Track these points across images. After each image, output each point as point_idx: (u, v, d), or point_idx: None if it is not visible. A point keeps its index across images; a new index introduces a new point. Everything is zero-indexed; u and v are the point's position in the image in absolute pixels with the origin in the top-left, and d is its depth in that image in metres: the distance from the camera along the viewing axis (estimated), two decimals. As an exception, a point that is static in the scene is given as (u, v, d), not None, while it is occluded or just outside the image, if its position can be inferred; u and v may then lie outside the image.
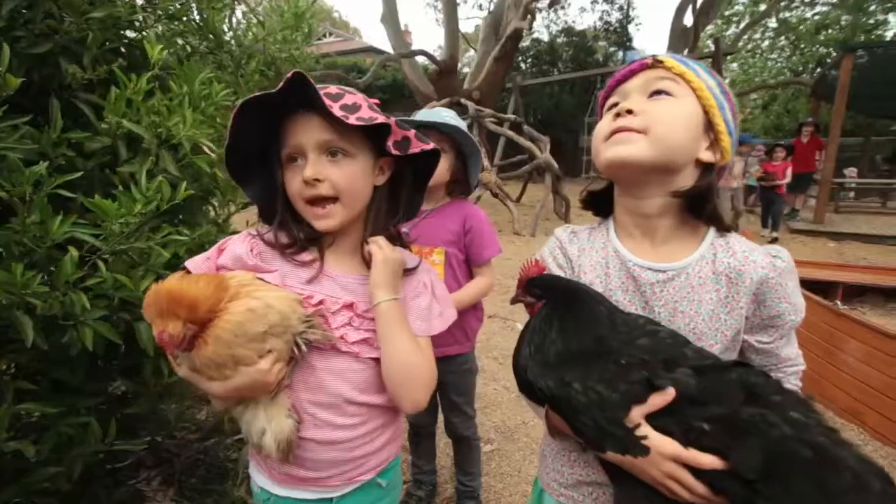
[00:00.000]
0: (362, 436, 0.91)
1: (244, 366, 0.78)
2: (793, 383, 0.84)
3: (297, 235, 0.91)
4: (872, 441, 2.39)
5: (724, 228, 0.83)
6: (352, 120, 0.82)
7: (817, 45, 20.51)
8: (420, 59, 12.57)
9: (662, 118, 0.77)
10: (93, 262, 0.95)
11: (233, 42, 1.88)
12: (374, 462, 0.94)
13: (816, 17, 20.23)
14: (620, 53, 18.79)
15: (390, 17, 11.98)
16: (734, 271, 0.78)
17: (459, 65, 14.30)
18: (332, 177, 0.85)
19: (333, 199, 0.87)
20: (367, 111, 0.86)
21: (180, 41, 1.64)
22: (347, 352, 0.87)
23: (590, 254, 0.89)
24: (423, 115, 1.59)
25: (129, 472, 1.86)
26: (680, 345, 0.73)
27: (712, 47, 10.63)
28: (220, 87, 1.23)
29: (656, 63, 0.81)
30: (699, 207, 0.81)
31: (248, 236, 0.91)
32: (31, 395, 1.03)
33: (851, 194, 11.52)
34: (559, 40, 19.04)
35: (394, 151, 0.89)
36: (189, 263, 0.88)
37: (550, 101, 17.15)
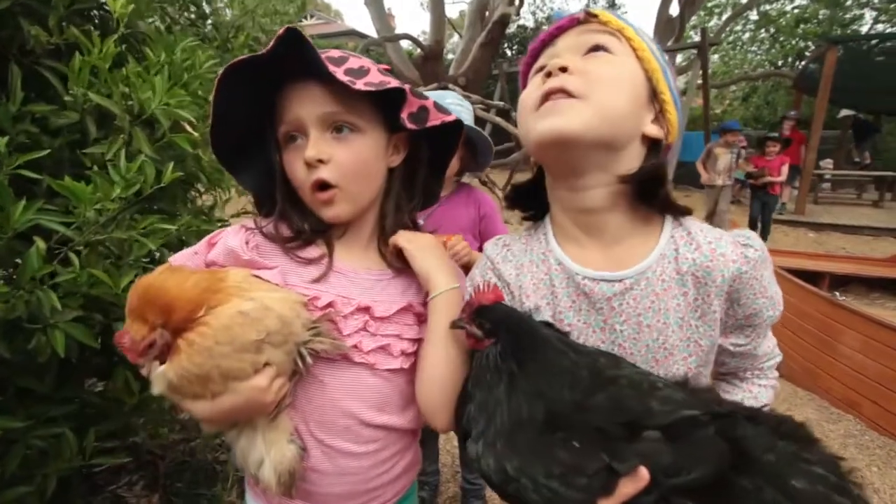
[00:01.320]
0: (378, 464, 0.79)
1: (236, 381, 0.66)
2: (770, 378, 0.76)
3: (300, 226, 0.79)
4: (869, 431, 2.40)
5: (679, 213, 0.69)
6: (359, 85, 0.69)
7: (796, 39, 20.84)
8: (404, 43, 12.29)
9: (604, 78, 0.63)
10: (63, 256, 0.82)
11: (218, 13, 1.73)
12: (390, 493, 0.82)
13: (796, 11, 20.50)
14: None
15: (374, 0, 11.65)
16: (701, 269, 0.65)
17: (444, 50, 14.05)
18: (338, 157, 0.73)
19: (335, 186, 0.74)
20: (376, 75, 0.73)
21: (158, 10, 1.48)
22: (362, 363, 0.75)
23: (529, 270, 0.73)
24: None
25: (108, 477, 1.73)
26: (644, 393, 0.58)
27: (696, 38, 10.66)
28: (204, 56, 1.09)
29: (589, 17, 0.67)
30: (651, 193, 0.66)
31: (243, 229, 0.79)
32: (-8, 405, 0.90)
33: (828, 185, 11.77)
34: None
35: (409, 125, 0.77)
36: (174, 260, 0.76)
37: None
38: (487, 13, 12.22)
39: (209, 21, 1.79)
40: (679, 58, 12.99)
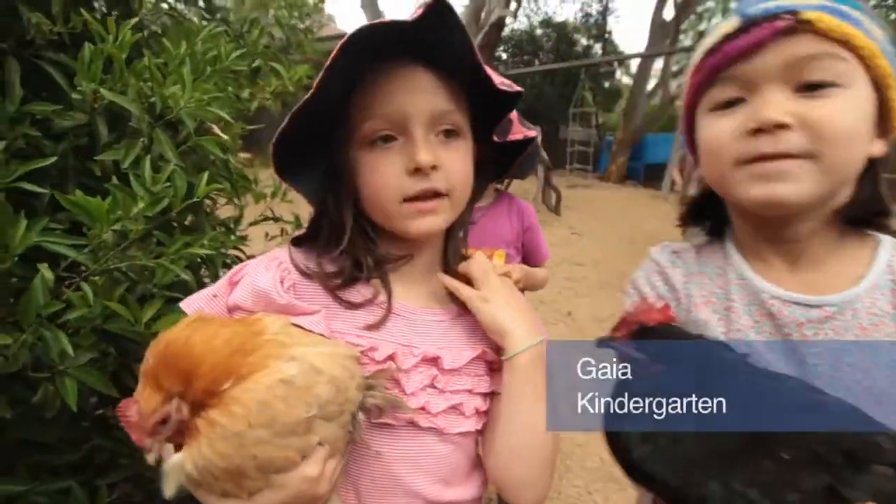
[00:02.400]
0: None
1: (279, 473, 0.50)
2: None
3: (361, 259, 0.63)
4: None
5: None
6: (498, 84, 0.59)
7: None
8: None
9: (838, 131, 0.52)
10: (75, 285, 0.67)
11: (229, 9, 1.59)
12: None
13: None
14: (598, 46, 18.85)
15: (370, 2, 11.59)
16: None
17: (440, 54, 13.98)
18: (447, 164, 0.60)
19: (445, 195, 0.61)
20: (494, 74, 0.62)
21: (165, 5, 1.34)
22: (430, 428, 0.61)
23: (700, 281, 0.67)
24: None
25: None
26: (861, 423, 0.51)
27: (687, 42, 10.68)
28: (230, 46, 0.95)
29: (802, 25, 0.51)
30: (866, 215, 0.59)
31: (275, 263, 0.62)
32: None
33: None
34: (538, 32, 18.97)
35: (495, 138, 0.67)
36: (186, 305, 0.60)
37: (532, 92, 17.07)
38: (483, 16, 12.17)
39: (219, 16, 1.66)
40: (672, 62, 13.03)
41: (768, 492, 0.47)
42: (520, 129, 0.67)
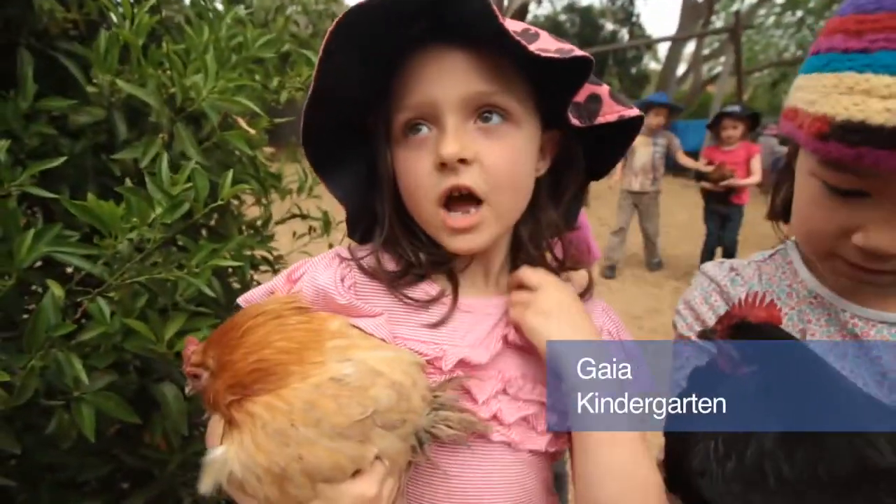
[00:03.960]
0: None
1: (329, 483, 0.44)
2: None
3: (412, 257, 0.56)
4: None
5: None
6: (534, 49, 0.46)
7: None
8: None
9: None
10: (89, 301, 0.60)
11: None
12: None
13: (824, -8, 19.79)
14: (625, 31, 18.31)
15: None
16: None
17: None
18: (486, 155, 0.51)
19: (480, 202, 0.52)
20: (550, 41, 0.50)
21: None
22: (502, 442, 0.53)
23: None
24: None
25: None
26: None
27: (719, 23, 10.20)
28: (256, 32, 0.86)
29: None
30: None
31: (337, 259, 0.58)
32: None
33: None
34: (562, 17, 18.54)
35: (575, 121, 0.54)
36: (243, 302, 0.57)
37: (556, 81, 16.78)
38: (506, 2, 11.91)
39: (242, 4, 1.58)
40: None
41: None
42: (614, 108, 0.55)
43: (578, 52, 0.48)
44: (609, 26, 19.14)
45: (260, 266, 1.21)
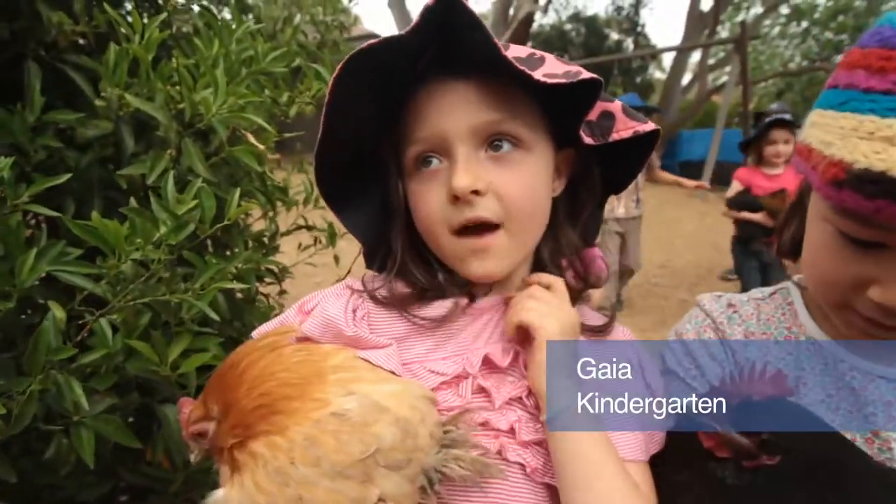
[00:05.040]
0: None
1: None
2: None
3: (429, 283, 0.55)
4: None
5: None
6: (539, 76, 0.45)
7: (828, 32, 20.23)
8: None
9: None
10: (94, 322, 0.58)
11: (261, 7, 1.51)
12: None
13: (829, 4, 19.81)
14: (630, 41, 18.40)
15: (397, 1, 11.58)
16: None
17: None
18: (499, 184, 0.50)
19: (497, 226, 0.51)
20: (557, 64, 0.49)
21: (196, 7, 1.26)
22: (517, 464, 0.50)
23: (764, 345, 0.57)
24: None
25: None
26: None
27: (724, 34, 10.20)
28: (267, 45, 0.85)
29: None
30: None
31: (347, 291, 0.56)
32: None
33: None
34: (567, 26, 18.65)
35: (588, 140, 0.53)
36: (257, 335, 0.54)
37: (561, 89, 16.83)
38: (512, 12, 11.96)
39: (251, 15, 1.58)
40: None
41: None
42: (627, 124, 0.53)
43: (586, 75, 0.47)
44: (614, 36, 19.23)
45: (265, 278, 1.20)
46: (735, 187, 2.91)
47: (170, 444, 0.70)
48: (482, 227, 0.50)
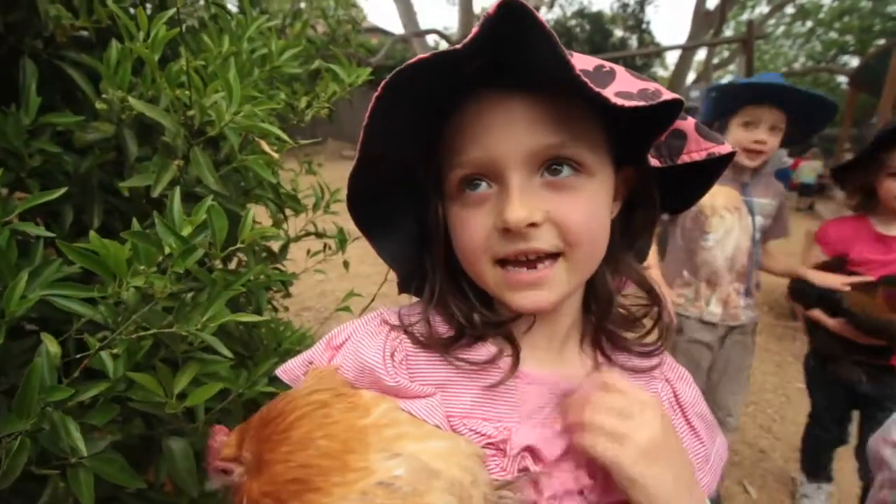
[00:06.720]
0: None
1: None
2: None
3: (465, 319, 0.49)
4: None
5: None
6: (612, 97, 0.38)
7: (833, 32, 20.15)
8: (430, 40, 12.03)
9: None
10: (94, 353, 0.52)
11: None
12: None
13: (835, 4, 19.69)
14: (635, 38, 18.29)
15: (402, -6, 11.46)
16: None
17: (471, 46, 13.80)
18: (558, 214, 0.43)
19: (555, 256, 0.45)
20: (629, 79, 0.43)
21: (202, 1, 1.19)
22: None
23: None
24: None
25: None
26: None
27: (729, 32, 10.09)
28: (281, 43, 0.79)
29: None
30: None
31: (383, 328, 0.51)
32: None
33: None
34: (572, 22, 18.51)
35: (655, 162, 0.47)
36: (282, 373, 0.51)
37: (565, 85, 16.79)
38: (517, 7, 11.84)
39: (258, 10, 1.51)
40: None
41: None
42: (701, 145, 0.47)
43: (668, 96, 0.40)
44: (619, 33, 19.09)
45: (272, 287, 1.14)
46: (815, 253, 1.56)
47: (174, 478, 0.64)
48: (536, 258, 0.44)
